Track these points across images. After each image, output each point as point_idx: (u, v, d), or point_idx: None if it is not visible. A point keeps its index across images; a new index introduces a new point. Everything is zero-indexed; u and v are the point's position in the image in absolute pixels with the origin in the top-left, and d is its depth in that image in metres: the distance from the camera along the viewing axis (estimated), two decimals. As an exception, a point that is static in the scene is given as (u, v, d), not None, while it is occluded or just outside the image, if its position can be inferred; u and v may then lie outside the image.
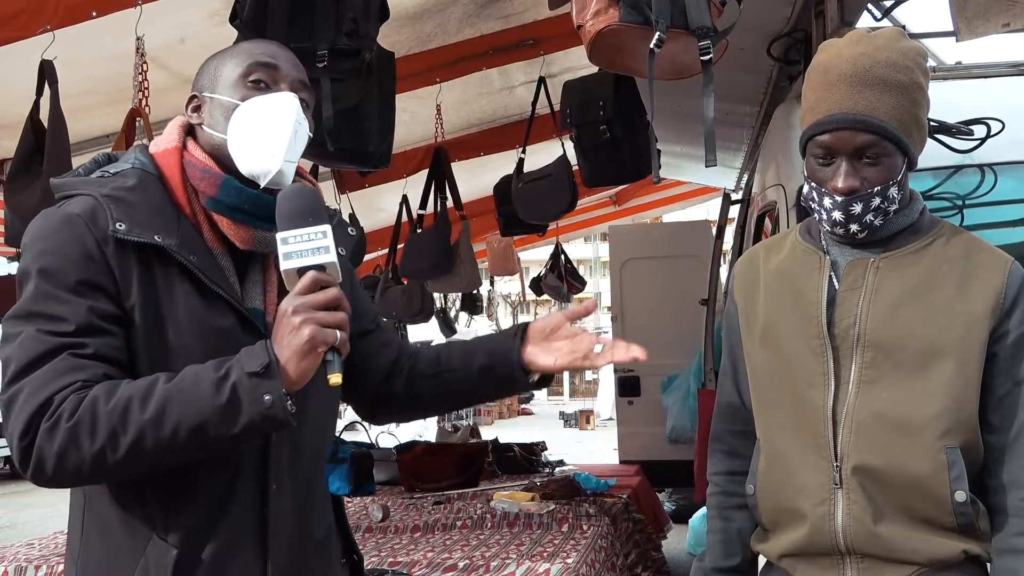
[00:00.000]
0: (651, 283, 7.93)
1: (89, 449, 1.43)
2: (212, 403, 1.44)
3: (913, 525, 1.77)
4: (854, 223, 1.79)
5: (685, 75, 2.63)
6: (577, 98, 4.25)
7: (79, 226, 1.53)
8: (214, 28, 3.36)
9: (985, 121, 3.38)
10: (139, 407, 1.44)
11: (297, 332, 1.46)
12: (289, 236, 1.51)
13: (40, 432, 1.44)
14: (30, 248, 1.54)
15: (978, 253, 1.84)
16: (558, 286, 9.25)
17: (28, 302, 1.51)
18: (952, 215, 3.50)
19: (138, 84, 3.56)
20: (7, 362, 1.49)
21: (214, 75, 1.69)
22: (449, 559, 3.34)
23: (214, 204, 1.63)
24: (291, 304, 1.48)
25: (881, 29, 1.86)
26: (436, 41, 4.44)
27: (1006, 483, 1.77)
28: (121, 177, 1.61)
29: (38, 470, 1.46)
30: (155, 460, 1.47)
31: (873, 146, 1.75)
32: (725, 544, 2.03)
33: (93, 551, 1.60)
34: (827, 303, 1.84)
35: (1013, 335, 1.78)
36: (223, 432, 1.46)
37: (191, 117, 1.70)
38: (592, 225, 10.37)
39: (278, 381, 1.45)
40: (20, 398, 1.46)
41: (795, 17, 3.70)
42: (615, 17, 2.44)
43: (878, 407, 1.78)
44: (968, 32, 2.83)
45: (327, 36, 2.79)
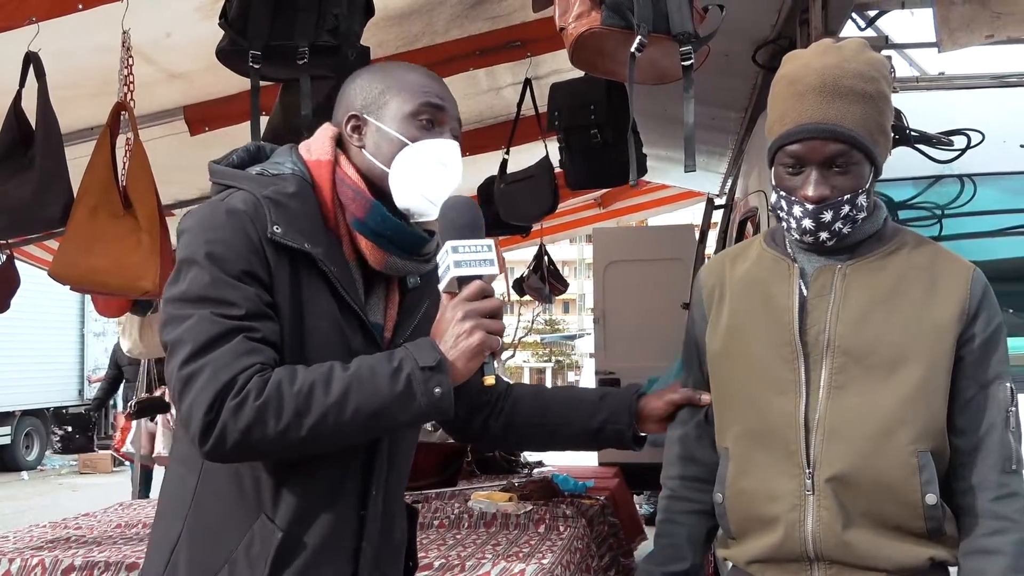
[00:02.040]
0: (634, 286, 7.96)
1: (274, 428, 1.55)
2: (390, 391, 1.58)
3: (882, 532, 1.79)
4: (824, 231, 1.81)
5: (666, 80, 2.64)
6: (567, 100, 4.26)
7: (245, 221, 1.63)
8: (200, 23, 3.35)
9: (965, 132, 3.41)
10: (323, 391, 1.57)
11: (469, 336, 1.61)
12: (459, 245, 1.65)
13: (226, 409, 1.54)
14: (196, 235, 1.63)
15: (942, 261, 1.87)
16: (540, 287, 9.25)
17: (198, 286, 1.60)
18: (931, 225, 3.53)
19: (123, 78, 3.55)
20: (179, 342, 1.58)
21: (378, 100, 1.77)
22: (425, 558, 3.34)
23: (360, 225, 1.74)
24: (462, 309, 1.63)
25: (846, 40, 1.88)
26: (423, 41, 4.44)
27: (974, 485, 1.81)
28: (281, 181, 1.71)
29: (218, 444, 1.55)
30: (328, 442, 1.60)
31: (843, 155, 1.77)
32: (674, 548, 2.04)
33: (205, 514, 1.69)
34: (797, 310, 1.86)
35: (978, 340, 1.82)
36: (396, 419, 1.60)
37: (350, 137, 1.78)
38: (577, 227, 10.37)
39: (448, 376, 1.60)
40: (203, 375, 1.55)
41: (780, 25, 3.72)
42: (597, 20, 2.45)
43: (848, 413, 1.80)
44: (951, 43, 2.86)
45: (308, 33, 2.79)
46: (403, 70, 1.83)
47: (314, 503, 1.70)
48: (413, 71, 1.83)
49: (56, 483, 14.36)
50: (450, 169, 1.77)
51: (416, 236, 1.77)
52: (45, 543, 3.73)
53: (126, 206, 3.53)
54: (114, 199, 3.52)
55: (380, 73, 1.82)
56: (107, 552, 3.52)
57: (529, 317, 30.34)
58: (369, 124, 1.77)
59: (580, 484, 5.03)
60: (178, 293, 1.61)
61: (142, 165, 3.60)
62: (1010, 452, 1.79)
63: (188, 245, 1.63)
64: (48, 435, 16.59)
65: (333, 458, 1.70)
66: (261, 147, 1.83)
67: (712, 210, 6.73)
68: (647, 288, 7.85)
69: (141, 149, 3.62)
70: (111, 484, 7.48)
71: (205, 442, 1.55)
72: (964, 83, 3.97)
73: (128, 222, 3.49)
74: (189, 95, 4.29)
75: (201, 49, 3.17)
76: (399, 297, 1.84)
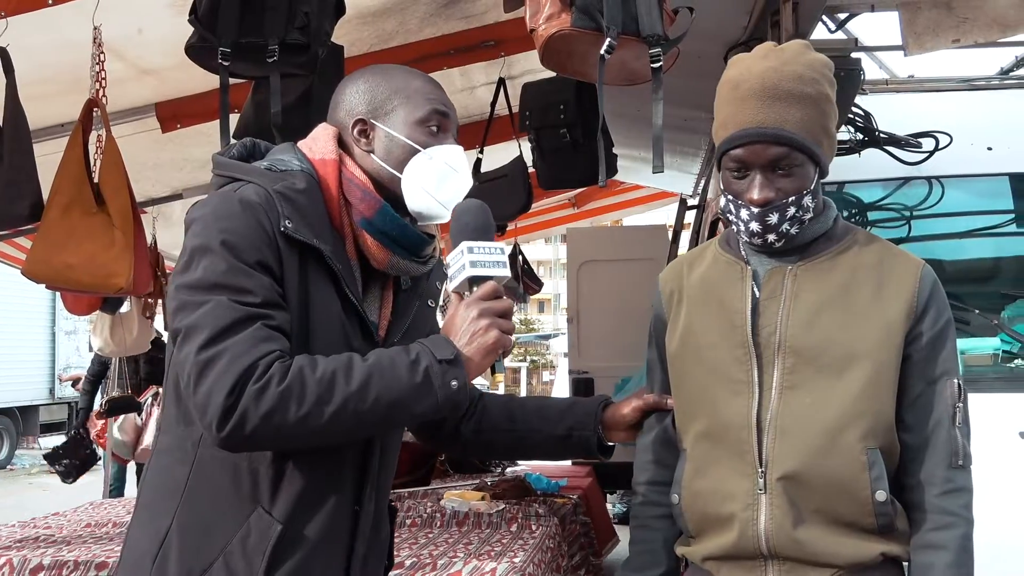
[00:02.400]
0: (608, 285, 7.97)
1: (295, 414, 1.55)
2: (409, 382, 1.61)
3: (833, 528, 1.81)
4: (771, 233, 1.83)
5: (636, 81, 2.65)
6: (538, 101, 4.27)
7: (259, 213, 1.64)
8: (173, 19, 3.34)
9: (934, 134, 3.46)
10: (344, 379, 1.59)
11: (485, 333, 1.66)
12: (475, 246, 1.70)
13: (247, 393, 1.54)
14: (210, 224, 1.63)
15: (891, 259, 1.89)
16: (514, 286, 9.26)
17: (213, 273, 1.60)
18: (900, 226, 3.57)
19: (95, 74, 3.53)
20: (195, 328, 1.58)
21: (384, 106, 1.80)
22: (396, 557, 3.34)
23: (367, 225, 1.77)
24: (476, 307, 1.68)
25: (789, 43, 1.90)
26: (397, 40, 4.44)
27: (922, 480, 1.83)
28: (290, 177, 1.72)
29: (237, 428, 1.55)
30: (343, 432, 1.62)
31: (785, 158, 1.79)
32: (649, 554, 2.05)
33: (197, 506, 1.68)
34: (750, 312, 1.88)
35: (926, 337, 1.84)
36: (411, 410, 1.63)
37: (357, 141, 1.80)
38: (551, 227, 10.39)
39: (464, 370, 1.64)
40: (222, 360, 1.55)
41: (752, 26, 3.74)
42: (567, 22, 2.46)
43: (800, 412, 1.82)
44: (917, 47, 2.89)
45: (277, 31, 2.78)
46: (407, 75, 1.85)
47: (312, 497, 1.71)
48: (417, 77, 1.86)
49: (26, 482, 14.23)
50: (461, 173, 1.82)
51: (420, 237, 1.81)
52: (13, 543, 3.70)
53: (99, 203, 3.51)
54: (87, 196, 3.50)
55: (383, 78, 1.83)
56: (76, 551, 3.50)
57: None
58: (378, 129, 1.80)
59: (553, 483, 5.04)
60: (192, 280, 1.61)
61: (115, 162, 3.58)
62: (957, 448, 1.82)
63: (201, 233, 1.63)
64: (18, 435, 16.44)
65: (331, 452, 1.71)
66: (256, 144, 1.84)
67: (685, 210, 6.76)
68: (621, 288, 7.86)
69: (114, 145, 3.61)
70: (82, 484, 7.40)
71: (223, 427, 1.54)
72: (933, 86, 4.03)
73: (101, 219, 3.47)
74: (161, 92, 4.27)
75: (173, 45, 3.15)
76: (393, 297, 1.88)
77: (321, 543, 1.72)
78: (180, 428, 1.70)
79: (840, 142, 3.43)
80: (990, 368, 3.28)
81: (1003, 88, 4.07)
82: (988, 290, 3.56)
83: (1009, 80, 4.14)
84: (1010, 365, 3.27)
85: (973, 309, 3.32)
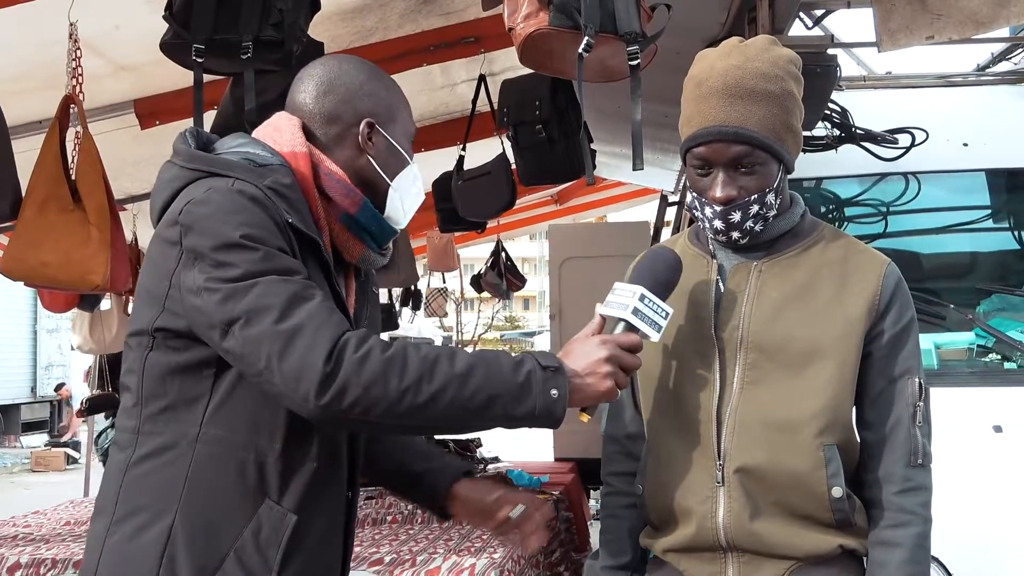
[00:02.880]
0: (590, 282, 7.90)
1: (396, 387, 1.53)
2: (512, 379, 1.58)
3: (791, 521, 1.82)
4: (735, 230, 1.84)
5: (615, 78, 2.66)
6: (514, 97, 4.28)
7: (267, 205, 1.63)
8: (150, 15, 3.32)
9: (910, 131, 3.48)
10: (448, 362, 1.57)
11: (603, 378, 1.64)
12: (649, 298, 1.72)
13: (348, 361, 1.52)
14: (221, 221, 1.59)
15: (857, 255, 1.90)
16: (498, 283, 9.28)
17: (249, 263, 1.57)
18: (876, 222, 3.59)
19: (71, 70, 3.51)
20: (258, 309, 1.54)
21: (387, 113, 1.84)
22: (376, 553, 3.34)
23: (349, 220, 1.78)
24: (609, 350, 1.66)
25: (754, 38, 1.90)
26: (377, 36, 4.43)
27: (880, 478, 1.84)
28: (273, 172, 1.70)
29: (338, 397, 1.52)
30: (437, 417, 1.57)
31: (747, 156, 1.80)
32: (616, 543, 2.07)
33: (200, 503, 1.64)
34: (714, 306, 1.89)
35: (887, 335, 1.84)
36: (507, 410, 1.59)
37: (365, 145, 1.80)
38: (534, 223, 10.40)
39: (566, 381, 1.61)
40: (308, 328, 1.53)
41: (730, 23, 3.76)
42: (545, 21, 2.47)
43: (759, 407, 1.83)
44: (891, 43, 2.90)
45: (252, 27, 2.78)
46: (396, 87, 1.90)
47: (318, 486, 1.71)
48: (401, 91, 1.91)
49: (8, 481, 14.15)
50: (418, 186, 1.91)
51: (394, 232, 1.86)
52: (-8, 541, 3.69)
53: (76, 200, 3.49)
54: (63, 193, 3.48)
55: (382, 85, 1.85)
56: (55, 549, 3.49)
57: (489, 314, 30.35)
58: (380, 135, 1.82)
59: (535, 479, 5.05)
60: (230, 275, 1.56)
61: (92, 159, 3.56)
62: (916, 446, 1.82)
63: (215, 233, 1.58)
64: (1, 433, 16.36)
65: (331, 440, 1.73)
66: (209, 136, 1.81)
67: (666, 207, 6.77)
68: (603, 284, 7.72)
69: (91, 142, 3.59)
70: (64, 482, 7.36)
71: (323, 395, 1.51)
72: (910, 82, 4.05)
73: (77, 216, 3.45)
74: (139, 88, 4.25)
75: (151, 42, 3.13)
76: (356, 287, 1.90)
77: (327, 531, 1.74)
78: (170, 427, 1.66)
79: (817, 138, 3.46)
80: (965, 362, 3.30)
81: (979, 84, 4.10)
82: (964, 285, 3.58)
83: (985, 76, 4.17)
84: (985, 359, 3.30)
85: (949, 304, 3.34)
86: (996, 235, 3.78)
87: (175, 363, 1.65)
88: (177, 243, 1.62)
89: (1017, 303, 3.39)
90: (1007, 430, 2.99)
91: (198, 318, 1.60)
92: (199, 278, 1.58)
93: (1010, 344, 3.22)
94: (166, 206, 1.70)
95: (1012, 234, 3.75)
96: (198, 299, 1.59)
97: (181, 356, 1.65)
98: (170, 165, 1.74)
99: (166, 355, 1.66)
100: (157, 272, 1.66)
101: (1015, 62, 4.24)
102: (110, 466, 1.72)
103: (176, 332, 1.64)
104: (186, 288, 1.60)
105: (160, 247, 1.66)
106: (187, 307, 1.61)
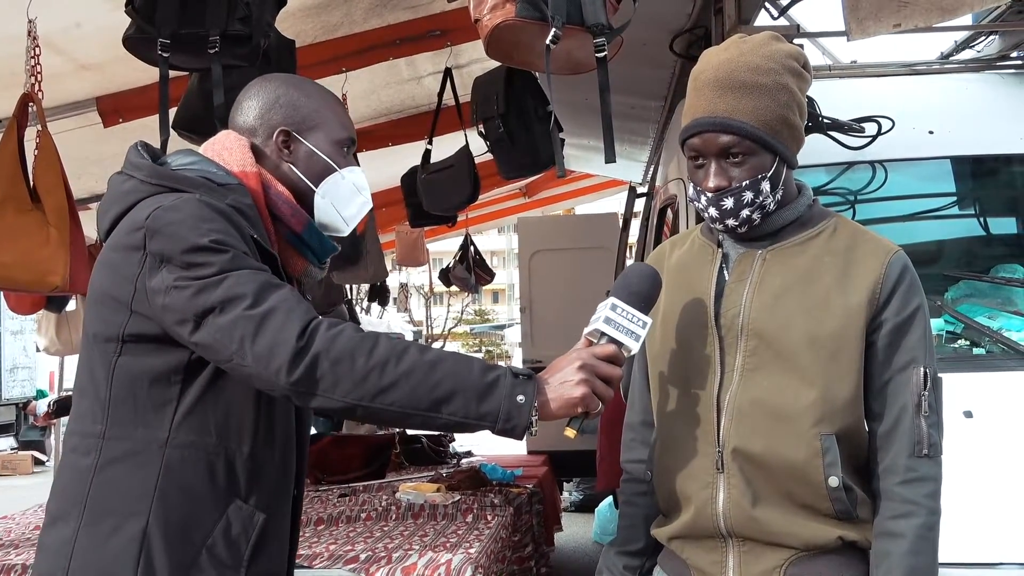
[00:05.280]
0: (559, 274, 7.98)
1: (364, 365, 1.57)
2: (479, 378, 1.61)
3: (791, 510, 1.82)
4: (729, 218, 1.85)
5: (581, 70, 2.65)
6: (480, 93, 4.26)
7: (232, 216, 1.68)
8: (111, 13, 3.27)
9: (877, 119, 3.49)
10: (417, 350, 1.61)
11: (575, 387, 1.64)
12: (621, 308, 1.72)
13: (321, 336, 1.57)
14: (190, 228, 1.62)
15: (862, 244, 1.90)
16: (466, 277, 9.28)
17: (221, 263, 1.61)
18: (844, 210, 3.60)
19: (30, 68, 3.46)
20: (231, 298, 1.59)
21: (307, 122, 1.89)
22: (351, 551, 3.33)
23: (294, 238, 1.85)
24: (583, 360, 1.67)
25: (756, 35, 1.92)
26: (342, 30, 4.40)
27: (884, 468, 1.84)
28: (232, 192, 1.75)
29: (309, 370, 1.56)
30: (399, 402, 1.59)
31: (736, 146, 1.82)
32: (630, 529, 2.09)
33: (171, 506, 1.67)
34: (716, 294, 1.91)
35: (889, 324, 1.84)
36: (469, 408, 1.60)
37: (280, 152, 1.87)
38: (503, 216, 10.42)
39: (535, 388, 1.62)
40: (280, 310, 1.58)
41: (696, 14, 3.76)
42: (512, 12, 2.45)
43: (757, 394, 1.84)
44: (859, 31, 2.91)
45: (218, 21, 2.75)
46: (324, 95, 1.95)
47: (279, 485, 1.80)
48: (332, 99, 1.97)
49: (-26, 486, 13.95)
50: (364, 194, 1.95)
51: (335, 247, 1.92)
52: (-42, 548, 3.63)
53: (34, 200, 3.44)
54: (22, 193, 3.43)
55: (302, 93, 1.91)
56: (24, 555, 3.44)
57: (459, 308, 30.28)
58: (300, 144, 1.88)
59: (508, 473, 5.05)
60: (201, 274, 1.61)
61: (51, 158, 3.51)
62: (921, 436, 1.82)
63: (183, 238, 1.62)
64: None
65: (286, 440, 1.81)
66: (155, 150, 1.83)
67: (634, 198, 6.77)
68: (572, 276, 7.86)
69: (50, 141, 3.53)
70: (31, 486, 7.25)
71: (294, 370, 1.56)
72: (875, 71, 4.06)
73: (36, 216, 3.41)
74: (102, 86, 4.19)
75: (113, 39, 3.08)
76: None
77: (282, 525, 1.82)
78: (138, 432, 1.69)
79: (784, 128, 3.46)
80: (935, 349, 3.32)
81: (944, 72, 4.11)
82: (932, 272, 3.59)
83: (949, 64, 4.19)
84: (954, 345, 3.31)
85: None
86: (963, 222, 3.80)
87: (145, 368, 1.69)
88: (140, 248, 1.65)
89: (984, 289, 3.41)
90: (977, 415, 3.00)
91: (167, 316, 1.64)
92: (167, 278, 1.62)
93: (979, 330, 3.24)
94: (119, 217, 1.73)
95: (978, 220, 3.77)
96: (167, 298, 1.63)
97: (151, 361, 1.69)
98: (126, 178, 1.77)
99: (135, 360, 1.69)
100: (117, 277, 1.69)
101: (978, 50, 4.27)
102: (69, 472, 1.74)
103: (147, 337, 1.67)
104: (153, 290, 1.63)
105: (118, 253, 1.69)
106: (155, 308, 1.64)
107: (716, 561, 1.87)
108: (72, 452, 1.75)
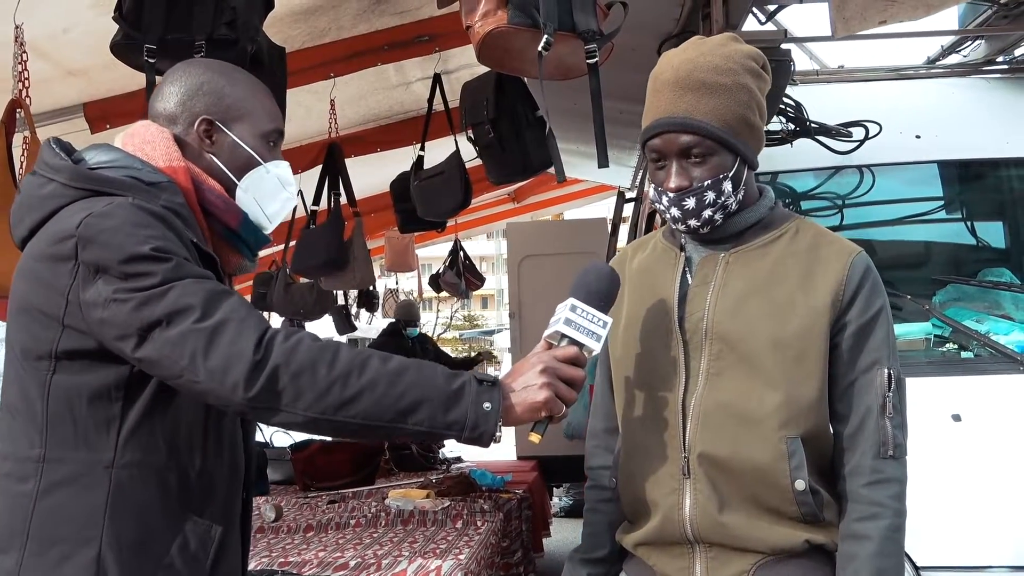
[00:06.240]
0: (549, 280, 7.97)
1: (326, 376, 1.51)
2: (444, 387, 1.56)
3: (758, 514, 1.81)
4: (691, 218, 1.85)
5: (572, 76, 2.66)
6: (469, 98, 4.27)
7: (171, 220, 1.61)
8: (98, 18, 3.26)
9: (864, 124, 3.51)
10: (380, 360, 1.55)
11: (538, 390, 1.61)
12: (580, 307, 1.70)
13: (278, 348, 1.51)
14: (128, 235, 1.54)
15: (825, 246, 1.90)
16: (456, 283, 9.27)
17: (163, 272, 1.53)
18: (832, 214, 3.62)
19: (17, 74, 3.44)
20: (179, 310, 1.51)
21: (231, 112, 1.79)
22: (341, 558, 3.32)
23: (229, 233, 1.77)
24: (544, 363, 1.63)
25: (715, 36, 1.93)
26: (330, 36, 4.39)
27: (850, 471, 1.84)
28: (163, 191, 1.67)
29: (269, 384, 1.49)
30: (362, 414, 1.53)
31: (696, 146, 1.81)
32: (594, 537, 2.08)
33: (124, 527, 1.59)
34: (680, 298, 1.90)
35: (853, 326, 1.84)
36: (435, 417, 1.56)
37: (201, 141, 1.77)
38: (492, 222, 10.41)
39: (499, 394, 1.59)
40: (232, 322, 1.51)
41: (684, 19, 3.77)
42: (504, 19, 2.46)
43: (722, 398, 1.83)
44: (845, 29, 2.93)
45: (205, 26, 2.74)
46: (251, 85, 1.85)
47: (229, 495, 1.74)
48: (261, 89, 1.87)
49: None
50: (289, 190, 1.87)
51: (268, 240, 1.86)
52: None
53: (25, 207, 3.42)
54: (12, 199, 3.40)
55: (227, 82, 1.81)
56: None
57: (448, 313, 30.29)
58: (224, 134, 1.78)
59: (498, 479, 5.05)
60: (142, 285, 1.51)
61: (40, 165, 3.49)
62: (886, 438, 1.81)
63: (120, 247, 1.53)
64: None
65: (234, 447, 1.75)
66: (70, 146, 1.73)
67: (623, 203, 6.77)
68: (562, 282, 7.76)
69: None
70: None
71: (252, 385, 1.48)
72: (863, 76, 4.09)
73: (26, 224, 3.38)
74: (89, 92, 4.17)
75: (100, 45, 3.07)
76: None
77: (233, 533, 1.76)
78: (81, 454, 1.59)
79: (772, 133, 3.48)
80: (923, 352, 3.33)
81: (930, 77, 4.15)
82: (919, 276, 3.62)
83: (936, 69, 4.22)
84: (942, 349, 3.33)
85: (905, 295, 3.37)
86: (950, 226, 3.83)
87: (82, 386, 1.58)
88: (70, 258, 1.54)
89: (972, 293, 3.44)
90: (965, 419, 3.02)
91: (106, 331, 1.54)
92: (104, 290, 1.53)
93: (966, 333, 3.26)
94: (39, 224, 1.63)
95: (965, 224, 3.79)
96: (104, 311, 1.53)
97: (88, 378, 1.58)
98: (44, 180, 1.65)
99: (71, 378, 1.58)
100: (45, 289, 1.58)
101: (964, 55, 4.30)
102: (5, 499, 1.62)
103: (83, 353, 1.57)
104: (88, 303, 1.54)
105: (43, 263, 1.58)
106: (91, 322, 1.55)
107: (683, 567, 1.87)
108: (6, 478, 1.62)
